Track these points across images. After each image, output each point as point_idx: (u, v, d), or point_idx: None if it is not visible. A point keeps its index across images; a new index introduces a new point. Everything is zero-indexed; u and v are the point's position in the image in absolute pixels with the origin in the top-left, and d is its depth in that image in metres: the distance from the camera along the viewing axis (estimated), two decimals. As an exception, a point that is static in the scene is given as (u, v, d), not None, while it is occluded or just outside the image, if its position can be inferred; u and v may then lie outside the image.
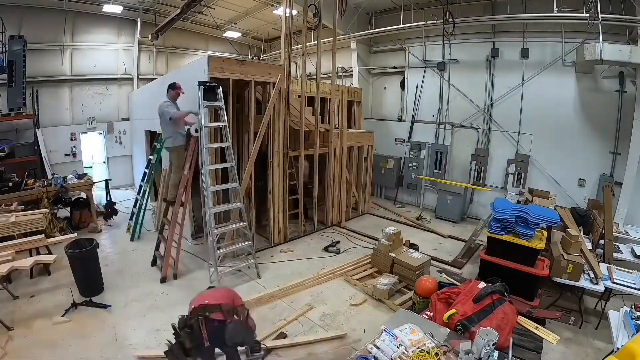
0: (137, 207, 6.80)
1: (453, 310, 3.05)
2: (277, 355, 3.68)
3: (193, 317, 2.59)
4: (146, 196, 6.91)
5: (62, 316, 4.11)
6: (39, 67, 8.73)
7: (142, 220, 6.75)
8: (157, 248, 5.66)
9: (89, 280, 4.77)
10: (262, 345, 3.11)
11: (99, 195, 8.05)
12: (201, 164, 4.96)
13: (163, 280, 5.12)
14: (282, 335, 3.94)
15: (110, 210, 7.71)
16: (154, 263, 5.65)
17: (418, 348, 2.40)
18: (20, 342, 3.68)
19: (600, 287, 4.07)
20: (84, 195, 7.20)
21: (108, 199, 7.79)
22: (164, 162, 6.79)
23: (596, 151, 6.90)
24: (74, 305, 4.28)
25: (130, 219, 7.00)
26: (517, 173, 7.82)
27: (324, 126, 7.44)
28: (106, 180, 8.00)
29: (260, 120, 5.92)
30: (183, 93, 5.20)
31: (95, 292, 4.73)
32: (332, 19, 7.18)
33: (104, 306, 4.41)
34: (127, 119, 10.65)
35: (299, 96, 6.96)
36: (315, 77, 7.03)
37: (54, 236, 5.71)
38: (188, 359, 2.51)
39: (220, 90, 5.09)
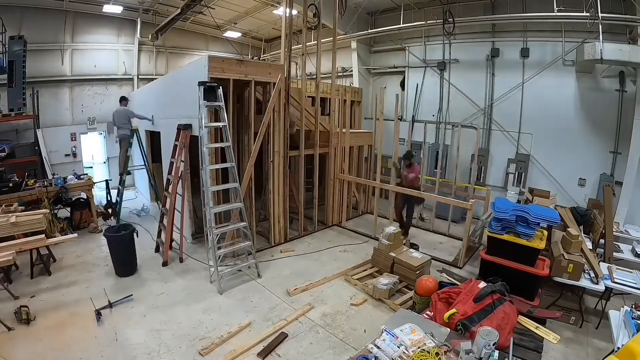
0: (119, 194, 7.68)
1: (453, 310, 3.05)
2: (278, 356, 3.68)
3: None
4: (124, 185, 7.83)
5: (99, 318, 4.16)
6: (39, 68, 8.75)
7: (121, 203, 7.68)
8: (158, 235, 6.18)
9: (125, 261, 5.33)
10: None
11: (98, 196, 8.10)
12: (201, 164, 4.97)
13: (164, 264, 5.63)
14: (283, 335, 3.94)
15: (110, 210, 7.75)
16: (157, 249, 6.15)
17: (418, 348, 2.40)
18: (21, 342, 3.68)
19: (600, 287, 4.07)
20: (84, 195, 7.22)
21: (108, 199, 7.86)
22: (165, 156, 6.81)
23: (596, 151, 6.89)
24: (110, 305, 4.39)
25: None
26: (517, 173, 7.81)
27: (324, 125, 7.44)
28: (106, 181, 8.03)
29: (260, 120, 5.92)
30: (129, 101, 8.18)
31: (131, 272, 5.31)
32: (332, 19, 7.19)
33: (129, 297, 4.64)
34: (127, 119, 10.65)
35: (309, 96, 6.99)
36: (315, 77, 7.03)
37: (55, 236, 5.72)
38: None
39: (220, 90, 5.09)
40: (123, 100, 7.94)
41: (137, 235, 5.48)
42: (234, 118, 5.97)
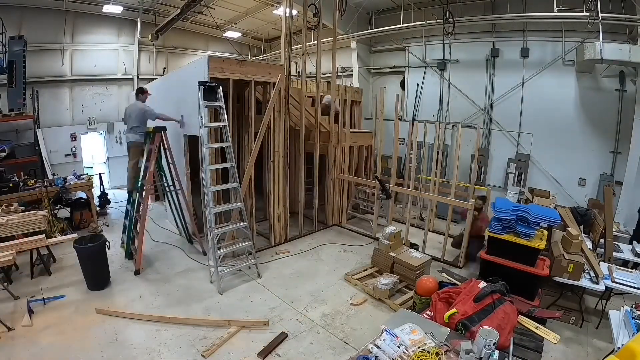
0: (128, 219, 5.90)
1: (453, 310, 3.05)
2: (278, 356, 3.68)
3: None
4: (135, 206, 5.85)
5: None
6: (39, 68, 8.74)
7: (130, 229, 5.81)
8: (132, 242, 5.76)
9: (96, 274, 4.92)
10: None
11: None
12: (202, 164, 4.97)
13: (137, 272, 5.24)
14: (283, 335, 3.94)
15: (103, 200, 8.32)
16: (129, 257, 5.74)
17: (419, 348, 2.40)
18: (21, 343, 3.68)
19: (600, 287, 4.07)
20: (84, 195, 7.23)
21: (102, 190, 8.44)
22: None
23: (596, 150, 6.90)
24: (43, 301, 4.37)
25: (123, 232, 6.12)
26: (517, 172, 7.82)
27: (324, 125, 7.44)
28: (100, 174, 8.65)
29: (260, 120, 5.92)
30: (150, 94, 6.16)
31: (103, 285, 4.90)
32: (332, 19, 7.19)
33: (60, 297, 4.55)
34: (127, 119, 10.67)
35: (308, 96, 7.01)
36: (315, 77, 7.03)
37: (55, 236, 5.72)
38: None
39: (220, 90, 5.10)
40: (140, 93, 6.01)
41: (109, 247, 5.01)
42: (234, 118, 5.97)
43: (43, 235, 5.04)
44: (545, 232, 4.56)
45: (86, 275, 4.88)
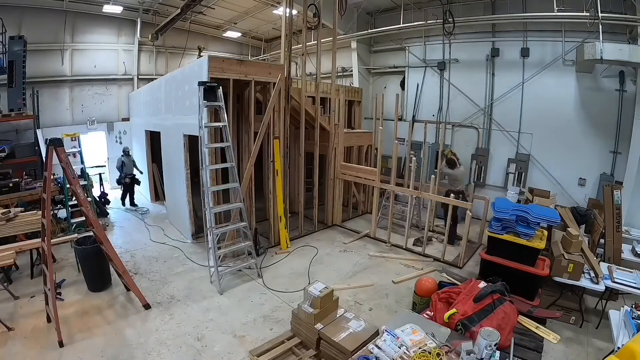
0: None
1: (453, 310, 3.05)
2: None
3: None
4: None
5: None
6: (39, 68, 8.75)
7: None
8: (46, 302, 4.06)
9: (96, 275, 4.89)
10: None
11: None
12: (202, 164, 4.97)
13: (60, 344, 3.64)
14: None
15: (103, 200, 8.45)
16: (49, 320, 4.07)
17: (420, 348, 2.40)
18: (20, 343, 3.68)
19: (600, 287, 4.06)
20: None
21: (102, 190, 8.59)
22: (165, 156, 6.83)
23: (596, 150, 6.89)
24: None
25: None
26: (517, 172, 7.81)
27: (324, 124, 7.44)
28: (100, 174, 8.76)
29: (260, 120, 5.92)
30: None
31: (103, 287, 4.89)
32: (332, 19, 7.18)
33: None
34: (127, 119, 10.68)
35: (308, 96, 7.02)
36: (315, 77, 7.03)
37: (55, 236, 5.72)
38: None
39: (220, 90, 5.10)
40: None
41: None
42: (234, 118, 5.97)
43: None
44: (545, 232, 4.56)
45: (86, 276, 4.89)
